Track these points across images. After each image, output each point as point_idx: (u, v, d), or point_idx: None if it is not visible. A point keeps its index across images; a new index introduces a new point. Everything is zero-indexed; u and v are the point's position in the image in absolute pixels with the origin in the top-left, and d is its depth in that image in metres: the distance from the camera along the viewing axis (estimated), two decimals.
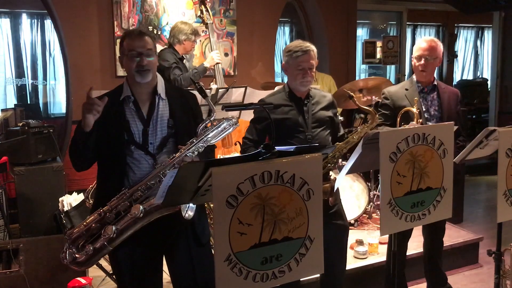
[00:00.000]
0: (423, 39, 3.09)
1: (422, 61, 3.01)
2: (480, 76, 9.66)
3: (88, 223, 2.05)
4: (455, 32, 8.98)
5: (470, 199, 5.46)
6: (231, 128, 2.18)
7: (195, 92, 2.35)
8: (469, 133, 3.38)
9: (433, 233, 3.23)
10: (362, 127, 2.72)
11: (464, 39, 9.47)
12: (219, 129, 2.16)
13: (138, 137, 2.16)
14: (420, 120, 2.89)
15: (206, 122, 2.16)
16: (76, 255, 2.02)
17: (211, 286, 2.24)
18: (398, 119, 2.95)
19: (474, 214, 5.25)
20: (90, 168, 2.22)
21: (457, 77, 9.32)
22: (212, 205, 2.72)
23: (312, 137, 2.62)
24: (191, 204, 2.07)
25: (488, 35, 9.53)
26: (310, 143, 2.58)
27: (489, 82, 8.26)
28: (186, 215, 2.08)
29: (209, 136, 2.13)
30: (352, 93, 2.82)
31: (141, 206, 2.01)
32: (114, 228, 1.99)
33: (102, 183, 2.21)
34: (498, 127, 2.46)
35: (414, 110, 2.89)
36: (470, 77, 9.61)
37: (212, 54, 4.11)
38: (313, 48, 2.62)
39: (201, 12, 4.25)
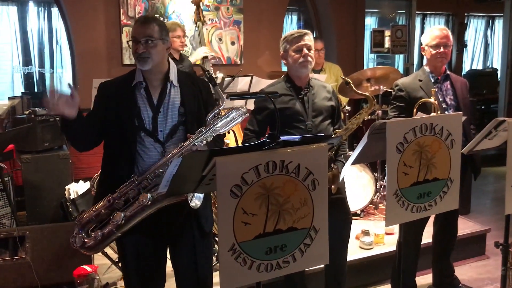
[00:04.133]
0: (435, 28, 3.04)
1: (442, 49, 2.96)
2: (490, 66, 9.54)
3: (97, 208, 2.05)
4: (465, 21, 8.86)
5: (478, 190, 5.42)
6: (240, 118, 2.16)
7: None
8: (477, 124, 3.35)
9: (446, 225, 3.20)
10: (360, 113, 2.70)
11: (474, 28, 9.34)
12: (228, 118, 2.14)
13: (148, 124, 2.14)
14: (439, 112, 2.84)
15: (215, 112, 2.14)
16: (85, 240, 2.03)
17: (209, 280, 2.30)
18: (415, 111, 2.89)
19: (481, 206, 5.21)
20: (92, 150, 2.22)
21: (466, 67, 9.21)
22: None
23: (312, 126, 2.60)
24: (198, 193, 2.06)
25: (499, 24, 9.39)
26: (311, 133, 2.57)
27: (499, 72, 8.16)
28: (193, 204, 2.08)
29: (217, 125, 2.12)
30: (348, 79, 2.79)
31: (149, 194, 2.01)
32: (122, 214, 2.00)
33: (110, 169, 2.18)
34: (508, 117, 2.43)
35: (432, 100, 2.82)
36: (480, 67, 9.50)
37: (200, 48, 4.11)
38: (309, 32, 2.62)
39: (198, 12, 4.30)
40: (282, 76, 2.75)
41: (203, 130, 2.10)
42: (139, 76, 2.17)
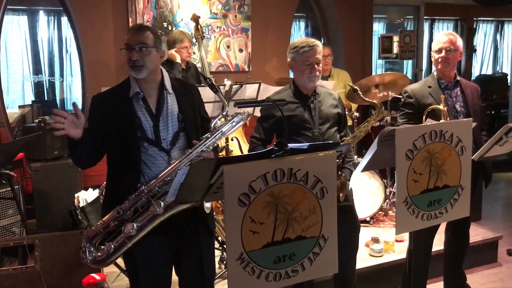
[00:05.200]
0: (442, 33, 3.03)
1: (443, 53, 2.95)
2: (500, 71, 9.47)
3: (105, 221, 2.04)
4: (474, 26, 8.82)
5: (489, 196, 5.36)
6: (242, 122, 2.19)
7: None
8: (488, 129, 3.32)
9: (458, 232, 3.16)
10: (368, 120, 2.68)
11: (483, 33, 9.28)
12: (233, 123, 2.17)
13: (150, 134, 2.14)
14: (449, 118, 2.81)
15: (219, 117, 2.17)
16: (98, 253, 2.02)
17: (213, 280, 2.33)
18: (424, 118, 2.87)
19: (493, 212, 5.16)
20: (96, 164, 2.23)
21: (475, 72, 9.15)
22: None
23: (319, 134, 2.59)
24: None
25: (508, 29, 9.33)
26: (318, 140, 2.56)
27: (508, 77, 8.10)
28: (207, 207, 2.09)
29: (224, 130, 2.14)
30: (356, 87, 2.78)
31: (162, 202, 2.01)
32: (135, 225, 1.99)
33: (116, 181, 2.18)
34: None
35: (441, 107, 2.80)
36: (489, 71, 9.43)
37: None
38: (319, 43, 2.60)
39: (196, 28, 4.37)
40: (289, 84, 2.74)
41: (209, 136, 2.11)
42: (135, 86, 2.16)
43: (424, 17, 7.46)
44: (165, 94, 2.20)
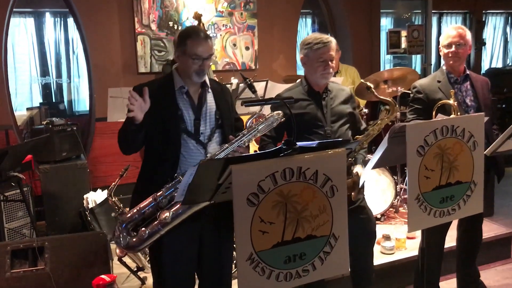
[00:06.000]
0: (451, 27, 2.99)
1: (453, 48, 2.90)
2: (510, 64, 9.35)
3: (142, 207, 2.08)
4: (483, 19, 8.71)
5: (501, 191, 5.25)
6: (276, 123, 2.23)
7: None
8: (499, 123, 3.25)
9: (471, 229, 3.11)
10: (382, 119, 2.64)
11: (493, 26, 9.16)
12: (269, 122, 2.21)
13: (190, 127, 2.22)
14: (459, 113, 2.76)
15: (255, 116, 2.23)
16: (134, 239, 2.04)
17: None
18: (434, 113, 2.82)
19: (505, 207, 5.07)
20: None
21: (485, 66, 9.04)
22: None
23: (332, 132, 2.55)
24: None
25: None
26: (330, 138, 2.52)
27: None
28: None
29: (259, 128, 2.19)
30: (370, 84, 2.74)
31: None
32: (170, 212, 2.02)
33: (153, 169, 2.22)
34: None
35: (451, 102, 2.75)
36: (499, 65, 9.31)
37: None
38: (332, 39, 2.57)
39: None
40: (299, 80, 2.71)
41: (245, 132, 2.17)
42: (179, 80, 2.25)
43: (432, 11, 7.38)
44: (206, 91, 2.30)
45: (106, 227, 3.82)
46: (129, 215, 2.09)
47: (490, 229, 3.88)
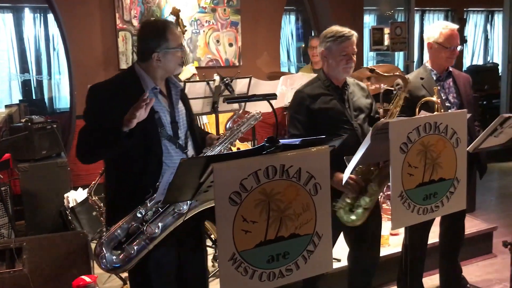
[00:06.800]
0: (449, 27, 2.92)
1: (456, 50, 2.90)
2: (491, 61, 9.48)
3: (126, 222, 1.94)
4: (464, 17, 8.80)
5: (483, 187, 5.34)
6: (255, 122, 2.21)
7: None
8: (480, 120, 3.28)
9: (453, 225, 3.13)
10: (398, 94, 2.57)
11: (474, 24, 9.28)
12: (250, 122, 2.17)
13: (169, 130, 2.09)
14: (443, 110, 2.76)
15: (234, 117, 2.22)
16: (119, 257, 1.91)
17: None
18: (417, 110, 2.81)
19: (487, 203, 5.15)
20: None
21: (466, 63, 9.15)
22: None
23: (359, 126, 2.50)
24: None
25: (498, 19, 9.32)
26: (358, 132, 2.48)
27: (499, 67, 8.09)
28: None
29: (242, 129, 2.14)
30: (373, 67, 2.72)
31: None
32: (159, 224, 1.93)
33: (133, 182, 2.03)
34: (511, 113, 2.36)
35: (435, 99, 2.75)
36: (480, 62, 9.43)
37: (188, 67, 4.12)
38: (354, 33, 2.53)
39: (177, 23, 4.32)
40: (317, 76, 2.63)
41: (228, 134, 2.10)
42: (150, 81, 2.08)
43: (415, 8, 7.42)
44: (173, 91, 2.17)
45: (87, 226, 3.76)
46: (111, 232, 1.94)
47: (472, 225, 3.91)
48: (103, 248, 1.92)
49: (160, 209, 1.96)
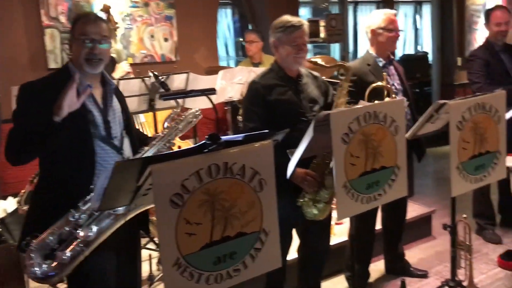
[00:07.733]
0: (388, 12, 3.03)
1: (398, 32, 2.98)
2: (421, 50, 9.86)
3: (55, 228, 1.81)
4: (394, 8, 9.09)
5: (420, 171, 5.53)
6: (196, 119, 2.14)
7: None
8: (414, 107, 3.40)
9: (395, 210, 3.20)
10: (340, 85, 2.53)
11: (404, 14, 9.61)
12: (188, 120, 2.11)
13: (102, 130, 1.99)
14: (393, 96, 2.79)
15: (172, 115, 2.11)
16: (51, 266, 1.77)
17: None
18: (366, 96, 2.81)
19: (424, 187, 5.34)
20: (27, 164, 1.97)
21: (399, 52, 9.47)
22: None
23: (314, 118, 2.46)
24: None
25: (426, 9, 9.71)
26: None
27: (429, 56, 8.43)
28: None
29: (179, 128, 2.08)
30: (315, 59, 2.68)
31: None
32: (93, 227, 1.81)
33: (63, 185, 1.92)
34: (442, 99, 2.43)
35: (385, 84, 2.76)
36: (411, 51, 9.79)
37: (122, 64, 4.00)
38: (305, 22, 2.47)
39: (108, 19, 4.13)
40: (271, 65, 2.55)
41: (166, 132, 2.04)
42: (83, 78, 1.96)
43: (348, 1, 7.57)
44: (108, 89, 2.06)
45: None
46: (41, 238, 1.80)
47: (412, 209, 4.02)
48: (33, 257, 1.78)
49: (94, 212, 1.85)
